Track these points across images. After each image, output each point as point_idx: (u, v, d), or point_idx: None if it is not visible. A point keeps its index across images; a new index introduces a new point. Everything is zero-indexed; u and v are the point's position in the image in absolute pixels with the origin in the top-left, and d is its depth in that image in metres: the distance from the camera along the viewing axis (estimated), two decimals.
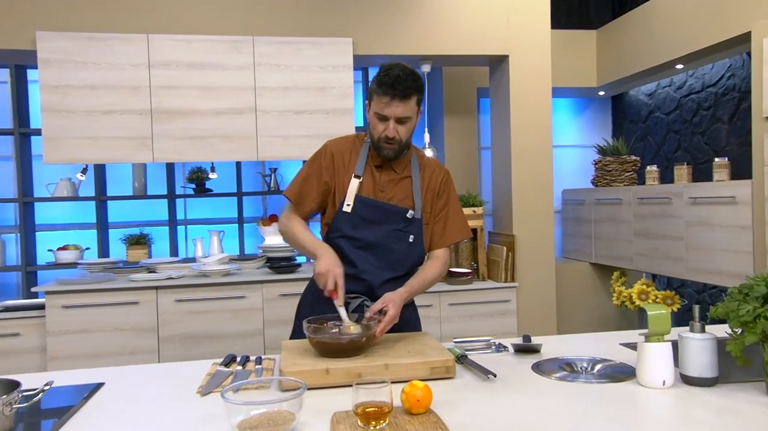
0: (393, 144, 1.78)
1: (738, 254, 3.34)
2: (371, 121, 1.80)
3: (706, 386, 1.31)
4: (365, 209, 1.82)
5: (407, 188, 1.86)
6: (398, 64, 1.74)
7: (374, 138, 1.80)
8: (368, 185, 1.84)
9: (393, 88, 1.69)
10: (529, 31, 3.73)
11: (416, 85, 1.72)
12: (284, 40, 3.47)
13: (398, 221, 1.84)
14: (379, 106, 1.74)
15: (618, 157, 4.68)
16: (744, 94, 4.06)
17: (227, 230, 4.36)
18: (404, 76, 1.70)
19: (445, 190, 1.92)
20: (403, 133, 1.77)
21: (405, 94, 1.70)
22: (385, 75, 1.71)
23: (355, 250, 1.82)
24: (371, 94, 1.78)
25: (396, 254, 1.84)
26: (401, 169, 1.87)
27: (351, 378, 1.42)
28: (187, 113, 3.40)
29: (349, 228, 1.82)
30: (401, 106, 1.71)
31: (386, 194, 1.84)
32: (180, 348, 3.31)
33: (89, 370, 1.65)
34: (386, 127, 1.75)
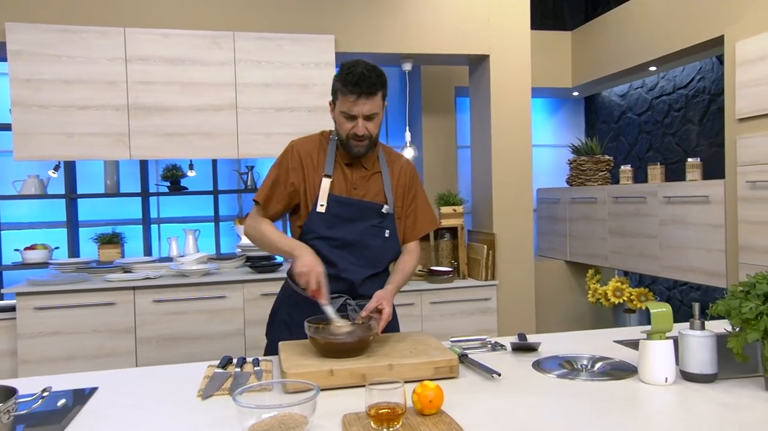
0: (363, 141, 1.76)
1: (711, 252, 3.43)
2: (337, 119, 1.78)
3: (706, 382, 1.34)
4: (340, 208, 1.80)
5: (378, 184, 1.86)
6: (359, 61, 1.73)
7: (342, 136, 1.78)
8: (340, 183, 1.82)
9: (358, 86, 1.67)
10: (509, 31, 3.76)
11: (381, 81, 1.71)
12: (265, 36, 3.42)
13: (373, 217, 1.82)
14: (345, 105, 1.71)
15: (592, 156, 4.76)
16: (713, 96, 4.18)
17: (202, 229, 4.28)
18: (368, 73, 1.68)
19: (413, 183, 1.93)
20: (372, 129, 1.75)
21: (371, 91, 1.68)
22: (348, 73, 1.68)
23: (333, 249, 1.79)
24: (335, 93, 1.75)
25: (373, 250, 1.83)
26: (370, 165, 1.86)
27: (355, 379, 1.41)
28: (166, 109, 3.32)
29: (324, 228, 1.79)
30: (368, 103, 1.70)
31: (359, 191, 1.83)
32: (158, 349, 3.24)
33: (79, 374, 1.59)
34: (355, 125, 1.73)
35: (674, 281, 4.55)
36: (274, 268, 3.42)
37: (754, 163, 3.09)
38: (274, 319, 2.00)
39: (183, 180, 4.19)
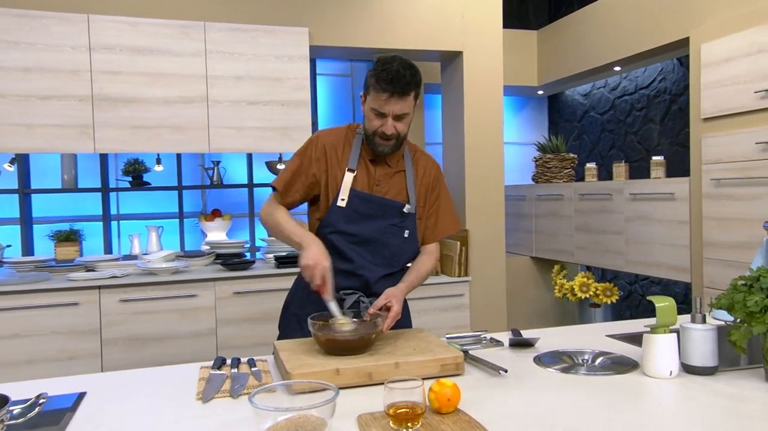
0: (390, 140, 1.72)
1: (676, 248, 3.54)
2: (367, 115, 1.73)
3: (708, 374, 1.37)
4: (361, 204, 1.77)
5: (401, 183, 1.82)
6: (396, 57, 1.69)
7: (369, 133, 1.74)
8: (363, 179, 1.79)
9: (392, 84, 1.63)
10: (482, 28, 3.78)
11: (415, 80, 1.67)
12: (238, 27, 3.33)
13: (394, 216, 1.79)
14: (377, 103, 1.67)
15: (558, 154, 4.85)
16: (674, 96, 4.31)
17: (165, 226, 4.14)
18: (404, 72, 1.64)
19: (437, 183, 1.90)
20: (400, 128, 1.72)
21: (404, 91, 1.65)
22: (383, 70, 1.64)
23: (350, 245, 1.77)
24: (368, 88, 1.71)
25: (392, 249, 1.80)
26: (395, 163, 1.83)
27: (361, 378, 1.38)
28: (133, 100, 3.19)
29: (343, 223, 1.76)
30: (400, 103, 1.66)
31: (381, 189, 1.80)
32: (125, 351, 3.11)
33: (60, 379, 1.50)
34: (383, 123, 1.69)
35: (635, 276, 4.68)
36: (246, 266, 3.34)
37: (718, 161, 3.20)
38: (286, 312, 1.97)
39: (146, 175, 4.05)
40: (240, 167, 4.45)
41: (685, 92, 4.22)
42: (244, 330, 3.26)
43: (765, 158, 2.93)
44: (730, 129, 3.15)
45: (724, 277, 3.18)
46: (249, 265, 3.35)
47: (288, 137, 3.42)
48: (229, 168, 4.40)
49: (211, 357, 3.21)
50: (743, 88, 3.04)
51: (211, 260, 3.57)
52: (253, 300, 3.28)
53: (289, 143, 3.42)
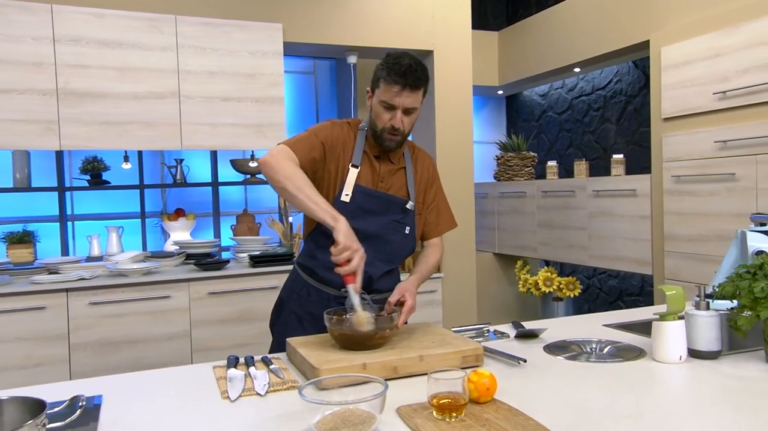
0: (397, 135, 1.74)
1: (638, 242, 3.71)
2: (375, 110, 1.74)
3: (713, 358, 1.45)
4: (365, 200, 1.77)
5: (402, 179, 1.84)
6: (406, 53, 1.72)
7: (377, 128, 1.74)
8: (367, 175, 1.79)
9: (405, 77, 1.65)
10: (452, 27, 3.84)
11: (425, 77, 1.70)
12: (210, 22, 3.26)
13: (396, 212, 1.81)
14: (387, 95, 1.68)
15: (519, 153, 4.98)
16: (630, 97, 4.50)
17: (123, 226, 3.99)
18: (415, 66, 1.67)
19: (434, 180, 1.93)
20: (407, 124, 1.74)
21: (416, 85, 1.67)
22: (395, 63, 1.67)
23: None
24: (377, 81, 1.71)
25: (393, 245, 1.81)
26: (397, 160, 1.84)
27: (387, 372, 1.39)
28: (100, 95, 3.07)
29: (347, 219, 1.76)
30: (411, 96, 1.68)
31: (385, 185, 1.81)
32: (95, 355, 2.99)
33: (67, 383, 1.44)
34: (393, 116, 1.70)
35: (593, 269, 4.86)
36: (220, 265, 3.27)
37: (678, 159, 3.37)
38: (281, 311, 1.93)
39: (104, 174, 3.90)
40: (203, 165, 4.35)
41: (640, 93, 4.41)
42: (219, 331, 3.19)
43: (723, 155, 3.11)
44: (690, 128, 3.32)
45: (684, 269, 3.36)
46: (223, 265, 3.28)
47: (263, 135, 3.37)
48: (193, 166, 4.30)
49: (187, 360, 3.15)
50: (702, 90, 3.22)
51: (182, 260, 3.48)
52: (228, 301, 3.21)
53: (264, 140, 3.38)
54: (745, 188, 3.00)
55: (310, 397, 1.07)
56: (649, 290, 4.39)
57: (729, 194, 3.08)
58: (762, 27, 2.90)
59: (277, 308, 1.97)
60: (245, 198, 4.74)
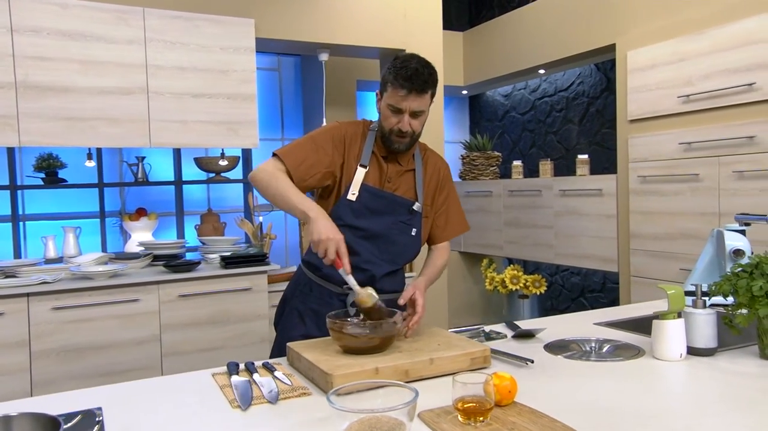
0: (405, 138, 1.73)
1: (603, 240, 3.81)
2: (383, 112, 1.73)
3: (709, 355, 1.50)
4: (371, 199, 1.76)
5: (411, 181, 1.83)
6: (414, 55, 1.71)
7: (385, 130, 1.74)
8: (374, 175, 1.78)
9: (411, 81, 1.63)
10: (423, 26, 3.84)
11: (432, 79, 1.69)
12: (180, 15, 3.15)
13: (403, 213, 1.80)
14: (394, 99, 1.68)
15: (484, 152, 5.04)
16: (592, 99, 4.62)
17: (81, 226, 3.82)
18: (422, 70, 1.65)
19: (446, 183, 1.92)
20: (416, 126, 1.72)
21: (422, 89, 1.66)
22: (402, 67, 1.65)
23: (358, 240, 1.75)
24: (385, 85, 1.71)
25: (398, 246, 1.80)
26: (406, 162, 1.83)
27: (399, 376, 1.37)
28: (64, 89, 2.92)
29: (352, 217, 1.75)
30: (417, 100, 1.67)
31: (392, 185, 1.80)
32: (58, 363, 2.85)
33: (60, 395, 1.35)
34: (400, 120, 1.69)
35: (556, 267, 4.97)
36: (191, 267, 3.17)
37: (644, 159, 3.48)
38: (285, 307, 1.91)
39: (60, 171, 3.72)
40: (165, 163, 4.21)
41: (601, 95, 4.54)
42: (190, 334, 3.10)
43: (687, 157, 3.23)
44: (655, 130, 3.43)
45: (649, 266, 3.47)
46: (194, 266, 3.18)
47: (234, 133, 3.28)
48: (155, 165, 4.16)
49: (156, 365, 3.04)
50: (667, 93, 3.33)
51: (149, 261, 3.36)
52: (199, 303, 3.12)
53: (236, 138, 3.29)
54: (709, 188, 3.12)
55: (340, 404, 1.04)
56: (611, 287, 4.52)
57: (693, 194, 3.20)
58: (725, 34, 3.02)
59: (281, 305, 1.95)
60: (208, 197, 4.62)
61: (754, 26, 2.90)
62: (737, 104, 3.00)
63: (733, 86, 2.99)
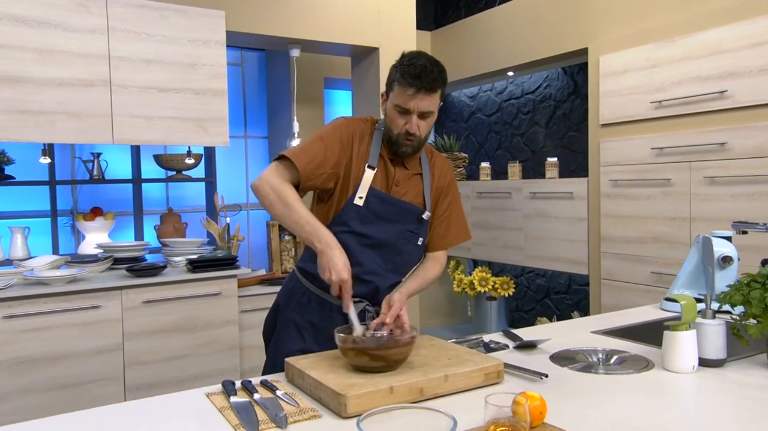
0: (413, 141, 1.62)
1: (574, 243, 3.83)
2: (390, 114, 1.63)
3: (719, 366, 1.48)
4: (379, 205, 1.65)
5: (418, 186, 1.73)
6: (422, 53, 1.62)
7: (392, 133, 1.63)
8: (382, 178, 1.67)
9: (419, 79, 1.54)
10: (397, 24, 3.77)
11: (442, 78, 1.59)
12: (145, 4, 2.96)
13: (411, 222, 1.70)
14: (401, 98, 1.58)
15: (451, 153, 5.00)
16: (559, 102, 4.65)
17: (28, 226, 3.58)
18: (431, 67, 1.56)
19: (450, 188, 1.82)
20: (424, 128, 1.62)
21: (431, 87, 1.56)
22: (409, 65, 1.56)
23: (363, 248, 1.64)
24: (392, 84, 1.61)
25: (404, 256, 1.71)
26: (412, 165, 1.73)
27: (413, 395, 1.29)
28: (17, 80, 2.70)
29: (359, 224, 1.64)
30: (426, 99, 1.57)
31: (400, 190, 1.69)
32: (12, 376, 2.63)
33: (38, 422, 1.21)
34: (407, 121, 1.59)
35: (521, 269, 4.99)
36: (156, 271, 2.99)
37: (615, 163, 3.51)
38: (278, 318, 1.77)
39: (7, 168, 3.47)
40: (121, 159, 4.00)
41: (568, 99, 4.57)
42: (155, 342, 2.93)
43: (659, 162, 3.27)
44: (627, 135, 3.47)
45: (619, 269, 3.51)
46: (160, 270, 3.01)
47: (203, 130, 3.12)
48: (112, 161, 3.94)
49: (119, 376, 2.86)
50: (639, 99, 3.37)
51: (109, 265, 3.16)
52: (165, 309, 2.95)
53: (205, 135, 3.13)
54: (680, 192, 3.17)
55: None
56: (576, 289, 4.57)
57: (665, 199, 3.25)
58: (697, 42, 3.07)
59: (273, 315, 1.80)
60: (167, 196, 4.42)
61: (726, 35, 2.95)
62: (709, 111, 3.05)
63: (704, 93, 3.04)
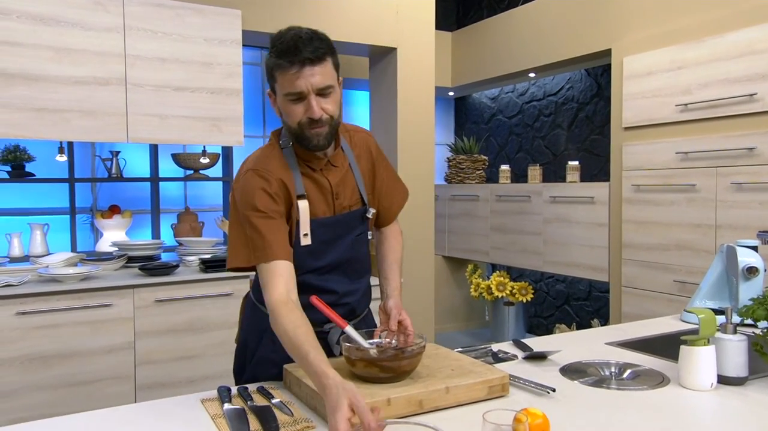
0: (322, 126, 1.35)
1: (594, 249, 3.73)
2: (284, 110, 1.38)
3: (740, 384, 1.40)
4: (325, 232, 1.48)
5: (351, 181, 1.53)
6: (290, 27, 1.35)
7: (294, 128, 1.37)
8: (318, 200, 1.47)
9: (298, 52, 1.29)
10: (416, 25, 3.72)
11: (326, 45, 1.34)
12: (162, 3, 2.96)
13: (357, 227, 1.55)
14: (288, 84, 1.32)
15: (470, 155, 4.94)
16: (582, 105, 4.55)
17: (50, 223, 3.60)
18: (306, 36, 1.31)
19: (378, 157, 1.62)
20: (330, 109, 1.35)
21: (316, 55, 1.30)
22: (280, 43, 1.32)
23: (326, 276, 1.52)
24: (272, 75, 1.36)
25: (362, 260, 1.59)
26: (340, 161, 1.51)
27: (412, 407, 1.24)
28: (34, 78, 2.71)
29: (312, 261, 1.49)
30: (316, 73, 1.30)
31: (342, 201, 1.51)
32: (22, 372, 2.64)
33: (26, 425, 1.19)
34: (306, 107, 1.33)
35: (541, 274, 4.89)
36: (168, 270, 2.99)
37: (638, 168, 3.41)
38: (247, 359, 1.58)
39: (28, 165, 3.50)
40: (140, 158, 4.01)
41: (591, 101, 4.47)
42: (167, 342, 2.92)
43: (684, 166, 3.17)
44: (651, 138, 3.36)
45: (641, 277, 3.40)
46: (172, 269, 3.00)
47: (218, 129, 3.11)
48: (131, 160, 3.95)
49: (130, 374, 2.85)
50: (664, 101, 3.26)
51: (122, 263, 3.16)
52: (177, 309, 2.94)
53: (219, 135, 3.12)
54: (705, 199, 3.06)
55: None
56: (597, 296, 4.46)
57: (689, 205, 3.14)
58: (725, 43, 2.96)
59: (241, 353, 1.62)
60: (185, 195, 4.43)
61: (756, 36, 2.84)
62: (737, 115, 2.94)
63: (733, 96, 2.93)
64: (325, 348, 1.53)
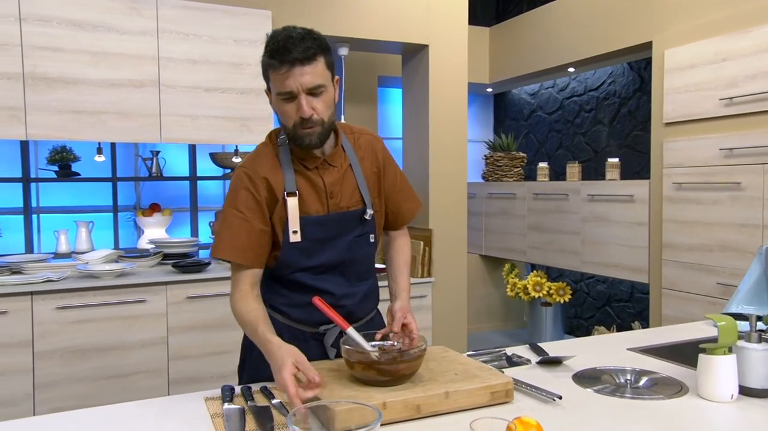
0: (313, 127, 1.37)
1: (634, 249, 3.61)
2: (279, 109, 1.40)
3: (764, 397, 1.32)
4: (316, 230, 1.48)
5: (352, 182, 1.52)
6: (285, 27, 1.38)
7: (288, 128, 1.40)
8: (311, 198, 1.48)
9: (287, 51, 1.31)
10: (448, 21, 3.67)
11: (318, 44, 1.35)
12: (193, 5, 3.02)
13: (355, 228, 1.53)
14: (279, 83, 1.34)
15: (508, 153, 4.85)
16: (624, 100, 4.40)
17: (94, 221, 3.74)
18: (296, 36, 1.33)
19: (386, 161, 1.60)
20: (321, 109, 1.37)
21: (306, 56, 1.32)
22: (272, 43, 1.34)
23: (319, 276, 1.51)
24: (267, 74, 1.40)
25: (362, 263, 1.57)
26: (339, 161, 1.51)
27: (409, 412, 1.22)
28: (73, 81, 2.82)
29: (303, 259, 1.48)
30: (306, 72, 1.32)
31: (336, 200, 1.50)
32: (62, 364, 2.76)
33: (30, 419, 1.24)
34: (298, 106, 1.35)
35: (580, 274, 4.76)
36: (200, 267, 3.05)
37: (680, 165, 3.27)
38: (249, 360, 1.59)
39: (74, 165, 3.64)
40: (180, 157, 4.11)
41: (634, 96, 4.32)
42: (198, 337, 2.99)
43: (728, 164, 3.02)
44: (693, 134, 3.22)
45: (683, 279, 3.26)
46: (204, 267, 3.07)
47: (247, 129, 3.16)
48: (170, 159, 4.06)
49: (163, 368, 2.93)
50: (707, 95, 3.11)
51: (158, 260, 3.25)
52: (208, 305, 3.01)
53: (249, 135, 3.17)
54: (751, 197, 2.91)
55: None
56: (639, 297, 4.31)
57: (733, 204, 2.99)
58: None
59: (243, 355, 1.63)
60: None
61: None
62: None
63: None
64: (321, 351, 1.54)
